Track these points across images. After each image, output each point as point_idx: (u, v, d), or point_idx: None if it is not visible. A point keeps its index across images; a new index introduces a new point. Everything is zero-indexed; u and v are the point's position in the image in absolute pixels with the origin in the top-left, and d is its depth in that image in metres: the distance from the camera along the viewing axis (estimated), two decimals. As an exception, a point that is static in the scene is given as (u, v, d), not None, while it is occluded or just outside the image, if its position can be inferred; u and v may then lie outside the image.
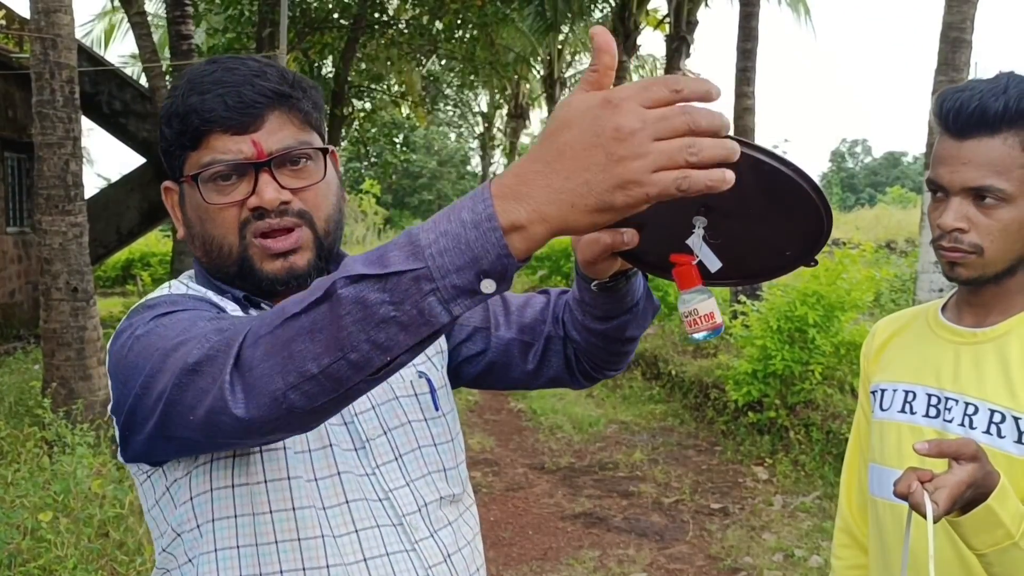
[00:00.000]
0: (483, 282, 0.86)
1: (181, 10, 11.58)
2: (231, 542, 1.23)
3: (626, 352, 1.48)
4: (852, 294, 6.96)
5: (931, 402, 1.61)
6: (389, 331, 0.89)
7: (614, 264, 1.29)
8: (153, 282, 18.88)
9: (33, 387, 7.88)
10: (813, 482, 6.34)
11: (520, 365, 1.50)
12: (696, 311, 1.20)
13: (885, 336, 1.79)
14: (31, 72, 6.83)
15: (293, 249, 1.27)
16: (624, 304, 1.37)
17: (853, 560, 1.85)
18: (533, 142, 6.27)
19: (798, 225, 1.16)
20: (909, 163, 64.00)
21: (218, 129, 1.23)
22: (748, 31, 11.07)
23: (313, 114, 1.31)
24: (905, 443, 1.62)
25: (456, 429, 1.45)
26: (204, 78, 1.25)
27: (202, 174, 1.24)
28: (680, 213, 1.19)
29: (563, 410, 8.84)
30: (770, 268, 1.26)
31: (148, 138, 14.28)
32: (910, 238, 17.48)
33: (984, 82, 1.49)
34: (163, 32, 17.92)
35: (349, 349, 0.90)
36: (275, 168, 1.25)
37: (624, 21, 18.92)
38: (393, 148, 25.98)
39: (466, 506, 1.43)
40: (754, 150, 1.10)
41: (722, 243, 1.19)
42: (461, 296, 0.87)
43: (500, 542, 5.44)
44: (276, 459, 1.23)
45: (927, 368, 1.64)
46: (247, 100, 1.23)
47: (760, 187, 1.12)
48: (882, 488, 1.66)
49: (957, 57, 7.33)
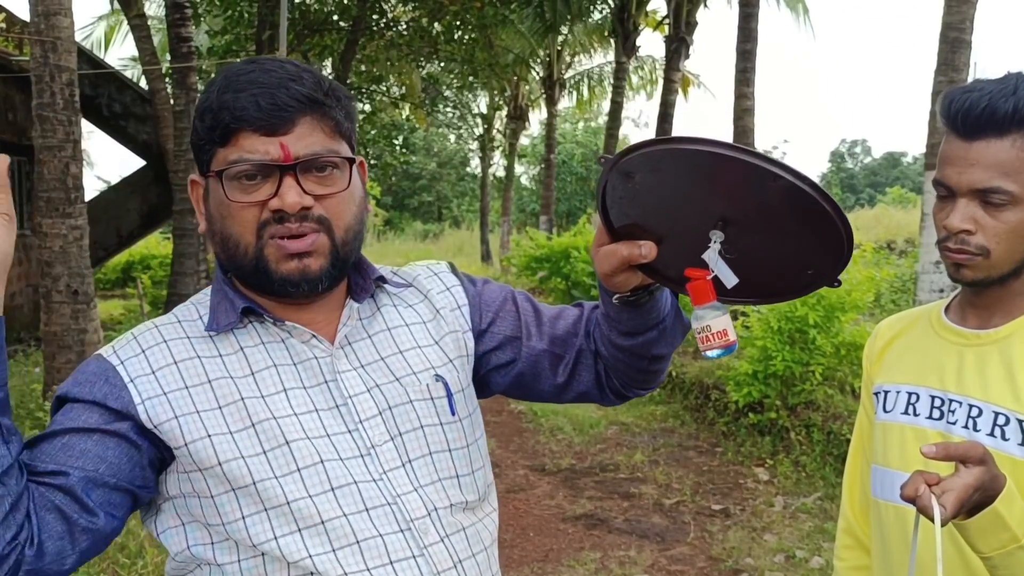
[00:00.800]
0: None
1: (181, 13, 11.59)
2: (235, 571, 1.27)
3: (655, 371, 1.45)
4: (852, 295, 6.96)
5: (935, 404, 1.59)
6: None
7: (634, 278, 1.27)
8: (153, 284, 18.89)
9: (34, 390, 7.88)
10: (814, 483, 6.33)
11: (550, 378, 1.48)
12: (709, 327, 1.19)
13: (888, 337, 1.78)
14: (31, 75, 6.84)
15: (308, 252, 1.27)
16: (649, 320, 1.35)
17: (856, 561, 1.84)
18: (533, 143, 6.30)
19: (818, 242, 1.15)
20: (909, 163, 63.98)
21: (248, 128, 1.24)
22: (747, 32, 11.08)
23: (345, 124, 1.30)
24: (909, 445, 1.60)
25: (476, 434, 1.43)
26: (240, 77, 1.26)
27: (227, 171, 1.25)
28: (698, 227, 1.18)
29: (564, 412, 8.83)
30: (792, 287, 1.24)
31: (148, 141, 14.28)
32: (910, 238, 17.48)
33: (992, 82, 1.48)
34: (163, 35, 17.93)
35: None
36: (300, 173, 1.25)
37: (623, 22, 18.93)
38: (393, 150, 26.01)
39: (485, 513, 1.42)
40: (772, 164, 1.10)
41: (740, 259, 1.18)
42: None
43: (501, 544, 5.43)
44: (270, 487, 1.25)
45: (930, 370, 1.62)
46: (280, 103, 1.23)
47: (779, 202, 1.12)
48: (885, 490, 1.65)
49: (957, 57, 7.33)
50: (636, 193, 1.19)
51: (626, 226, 1.23)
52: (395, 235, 39.02)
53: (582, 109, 31.47)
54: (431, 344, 1.42)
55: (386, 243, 34.84)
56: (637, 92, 26.90)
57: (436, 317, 1.45)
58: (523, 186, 41.40)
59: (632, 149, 1.16)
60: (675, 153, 1.13)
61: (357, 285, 1.39)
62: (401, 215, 43.29)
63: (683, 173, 1.15)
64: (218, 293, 1.34)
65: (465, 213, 42.85)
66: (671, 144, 1.13)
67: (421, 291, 1.47)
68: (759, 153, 1.10)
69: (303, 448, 1.26)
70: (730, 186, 1.13)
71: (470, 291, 1.50)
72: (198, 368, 1.28)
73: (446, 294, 1.48)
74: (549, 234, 18.57)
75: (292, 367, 1.31)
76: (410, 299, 1.46)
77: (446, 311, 1.46)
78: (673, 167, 1.15)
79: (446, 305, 1.46)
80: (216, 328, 1.30)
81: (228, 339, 1.32)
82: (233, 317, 1.31)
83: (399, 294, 1.45)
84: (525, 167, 41.35)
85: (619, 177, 1.19)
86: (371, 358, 1.36)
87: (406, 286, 1.47)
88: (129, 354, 1.29)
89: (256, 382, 1.29)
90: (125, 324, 13.27)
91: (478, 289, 1.51)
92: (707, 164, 1.12)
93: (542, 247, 15.39)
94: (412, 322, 1.43)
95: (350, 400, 1.32)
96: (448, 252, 31.30)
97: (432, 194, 44.03)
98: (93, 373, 1.28)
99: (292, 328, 1.32)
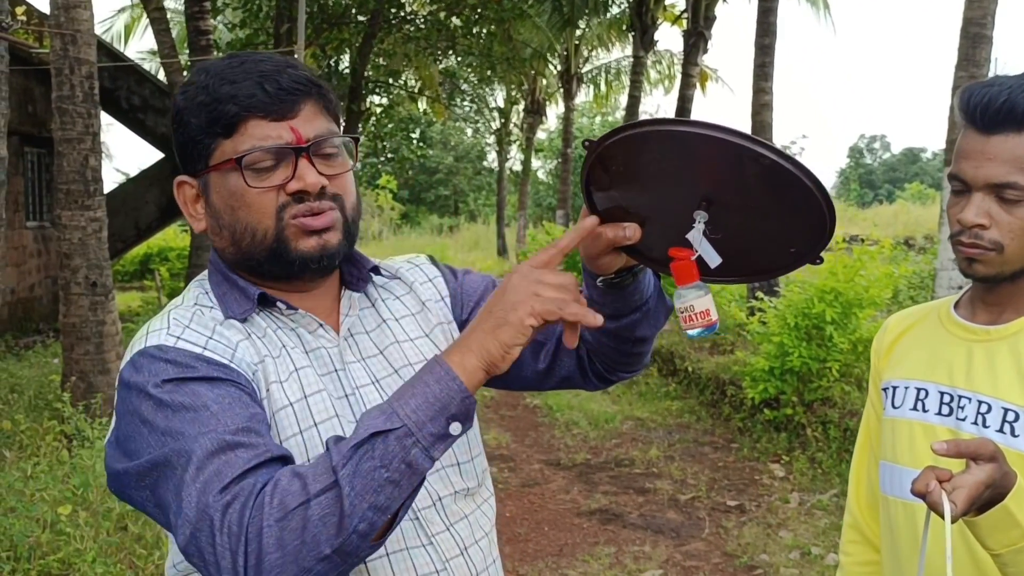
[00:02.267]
0: (451, 425, 1.08)
1: (199, 6, 11.63)
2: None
3: (638, 353, 1.46)
4: (870, 291, 6.93)
5: (944, 400, 1.59)
6: (386, 492, 1.05)
7: (618, 260, 1.29)
8: (171, 277, 18.98)
9: (52, 381, 7.94)
10: (830, 480, 6.31)
11: (531, 364, 1.49)
12: (692, 307, 1.21)
13: (897, 332, 1.78)
14: (51, 68, 6.87)
15: (328, 227, 1.29)
16: (632, 302, 1.36)
17: (862, 556, 1.84)
18: (550, 137, 6.25)
19: (801, 220, 1.16)
20: (928, 159, 63.58)
21: (256, 115, 1.25)
22: (766, 26, 11.02)
23: (334, 105, 1.34)
24: (918, 441, 1.60)
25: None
26: (233, 69, 1.27)
27: (245, 158, 1.25)
28: (682, 208, 1.19)
29: (579, 406, 8.83)
30: (775, 265, 1.25)
31: (167, 133, 14.33)
32: (929, 235, 17.39)
33: (1012, 78, 1.48)
34: (182, 28, 18.00)
35: (358, 520, 1.04)
36: (311, 154, 1.27)
37: (641, 16, 18.86)
38: (409, 143, 26.00)
39: (483, 498, 1.44)
40: (754, 143, 1.10)
41: (724, 238, 1.19)
42: (438, 442, 1.08)
43: (516, 538, 5.44)
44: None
45: (940, 365, 1.62)
46: (285, 87, 1.25)
47: (761, 181, 1.13)
48: (894, 487, 1.65)
49: (977, 53, 7.28)
50: (620, 176, 1.21)
51: (610, 208, 1.25)
52: (411, 229, 39.04)
53: (599, 104, 31.40)
54: (422, 336, 1.44)
55: (402, 237, 34.87)
56: (655, 87, 26.85)
57: (423, 309, 1.47)
58: (540, 180, 41.34)
59: (615, 132, 1.18)
60: (658, 135, 1.15)
61: (351, 275, 1.41)
62: (417, 209, 43.30)
63: (667, 154, 1.16)
64: (221, 284, 1.34)
65: (482, 207, 42.83)
66: (654, 126, 1.14)
67: (406, 283, 1.49)
68: (742, 132, 1.11)
69: (331, 430, 1.27)
70: (713, 166, 1.15)
71: (451, 282, 1.52)
72: (254, 346, 1.29)
73: (428, 285, 1.50)
74: (566, 228, 18.54)
75: (304, 354, 1.32)
76: (397, 291, 1.47)
77: (431, 303, 1.48)
78: (656, 148, 1.16)
79: (431, 297, 1.49)
80: (233, 316, 1.31)
81: (255, 322, 1.32)
82: (248, 305, 1.31)
83: (387, 286, 1.47)
84: (542, 161, 41.31)
85: (603, 160, 1.20)
86: (371, 351, 1.38)
87: (392, 278, 1.49)
88: (198, 337, 1.25)
89: (291, 359, 1.30)
90: (143, 316, 13.35)
91: (459, 280, 1.53)
92: (690, 144, 1.13)
93: (558, 241, 15.36)
94: (402, 315, 1.45)
95: (357, 391, 1.33)
96: (464, 246, 31.31)
97: (449, 188, 44.02)
98: (184, 353, 1.21)
99: (300, 317, 1.33)
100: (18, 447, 5.94)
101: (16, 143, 12.35)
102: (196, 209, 1.34)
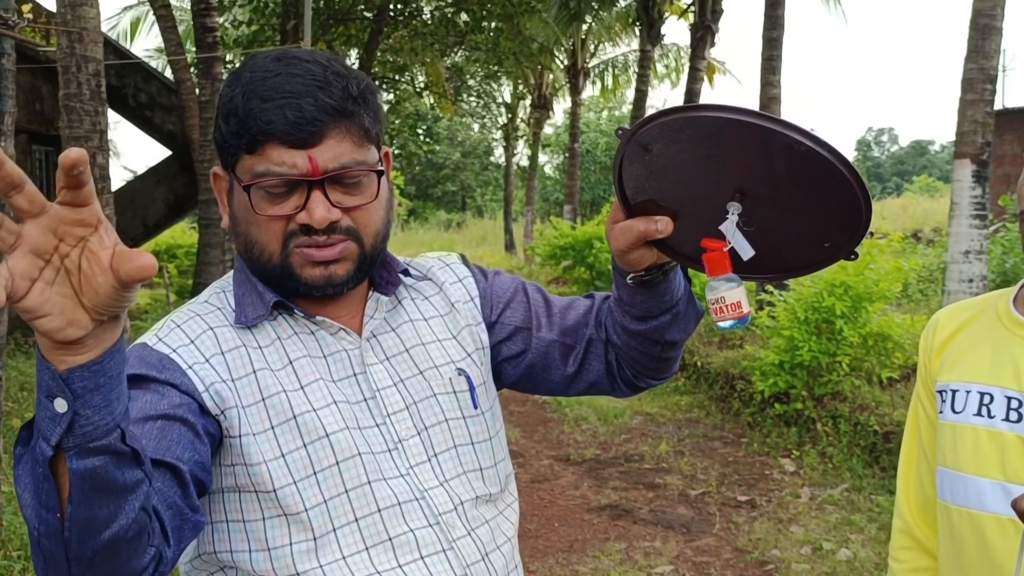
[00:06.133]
0: (55, 401, 0.92)
1: (206, 3, 11.63)
2: (266, 565, 1.24)
3: (668, 359, 1.43)
4: (880, 284, 6.90)
5: (1011, 405, 1.50)
6: (44, 488, 0.94)
7: (649, 255, 1.27)
8: (179, 274, 19.00)
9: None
10: (841, 474, 6.29)
11: (560, 368, 1.46)
12: (723, 299, 1.18)
13: (949, 330, 1.68)
14: (58, 66, 6.87)
15: (335, 259, 1.26)
16: (663, 303, 1.34)
17: (915, 563, 1.76)
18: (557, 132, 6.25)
19: (836, 212, 1.13)
20: (936, 152, 63.39)
21: (276, 141, 1.20)
22: (774, 19, 10.98)
23: (373, 128, 1.27)
24: (984, 448, 1.52)
25: (496, 427, 1.43)
26: (267, 81, 1.21)
27: (254, 185, 1.22)
28: (715, 201, 1.16)
29: (588, 401, 8.82)
30: (809, 262, 1.22)
31: (174, 131, 14.35)
32: (937, 228, 17.31)
33: None
34: (188, 25, 18.01)
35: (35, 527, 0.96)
36: (328, 185, 1.23)
37: (648, 10, 18.81)
38: (416, 139, 26.01)
39: (506, 503, 1.42)
40: (794, 131, 1.08)
41: (756, 232, 1.17)
42: (45, 424, 0.93)
43: (526, 534, 5.43)
44: (309, 485, 1.23)
45: (1004, 368, 1.53)
46: (308, 116, 1.19)
47: (795, 170, 1.10)
48: (956, 495, 1.57)
49: (987, 44, 7.24)
50: (654, 166, 1.18)
51: (642, 202, 1.22)
52: (419, 224, 39.06)
53: (606, 98, 31.38)
54: (450, 338, 1.42)
55: (410, 232, 34.89)
56: (662, 81, 26.80)
57: (452, 310, 1.44)
58: (547, 175, 41.32)
59: (651, 119, 1.15)
60: (695, 120, 1.12)
61: (381, 278, 1.38)
62: (425, 204, 43.34)
63: (702, 142, 1.13)
64: (243, 284, 1.32)
65: (489, 203, 42.86)
66: (691, 112, 1.12)
67: (436, 283, 1.46)
68: (780, 119, 1.08)
69: (342, 440, 1.25)
70: (750, 154, 1.12)
71: (481, 283, 1.49)
72: (244, 358, 1.27)
73: (458, 285, 1.47)
74: (573, 223, 18.53)
75: (322, 359, 1.30)
76: (426, 291, 1.45)
77: (460, 304, 1.45)
78: (692, 136, 1.13)
79: (460, 298, 1.46)
80: (244, 321, 1.29)
81: (264, 329, 1.30)
82: (262, 310, 1.29)
83: (416, 286, 1.45)
84: (549, 156, 41.26)
85: (637, 150, 1.18)
86: (396, 350, 1.36)
87: (422, 278, 1.46)
88: (178, 342, 1.25)
89: (295, 372, 1.28)
90: (151, 313, 13.37)
91: (489, 281, 1.51)
92: (727, 131, 1.11)
93: (566, 236, 15.38)
94: (430, 316, 1.42)
95: (378, 393, 1.31)
96: (472, 242, 31.31)
97: (456, 183, 44.04)
98: (153, 357, 1.22)
99: (321, 321, 1.31)
100: (28, 445, 5.95)
101: (24, 141, 12.36)
102: (225, 203, 1.33)
